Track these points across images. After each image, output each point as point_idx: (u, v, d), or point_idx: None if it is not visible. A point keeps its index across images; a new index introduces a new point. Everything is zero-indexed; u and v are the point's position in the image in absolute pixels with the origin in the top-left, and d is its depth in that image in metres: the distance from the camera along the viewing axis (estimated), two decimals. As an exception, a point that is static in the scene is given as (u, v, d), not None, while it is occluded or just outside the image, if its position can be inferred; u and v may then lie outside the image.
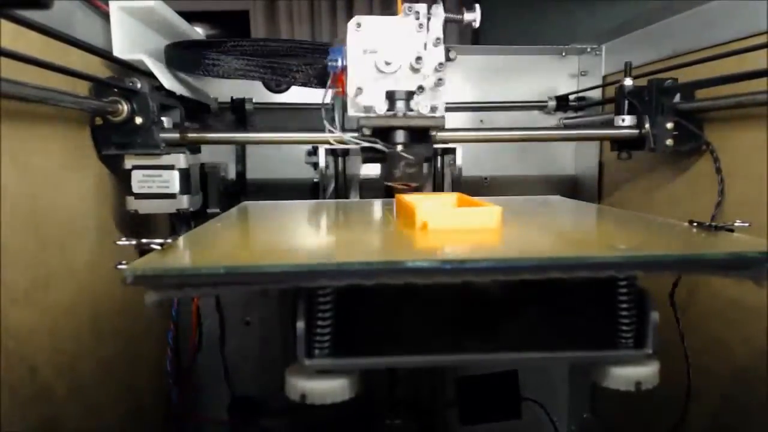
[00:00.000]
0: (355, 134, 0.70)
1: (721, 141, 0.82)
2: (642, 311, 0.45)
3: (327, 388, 0.43)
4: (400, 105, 0.66)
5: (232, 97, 1.11)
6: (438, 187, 0.87)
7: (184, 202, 0.80)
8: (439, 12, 0.67)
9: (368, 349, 0.45)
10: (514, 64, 1.22)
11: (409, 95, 0.66)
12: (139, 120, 0.74)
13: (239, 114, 1.11)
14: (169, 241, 0.44)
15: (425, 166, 0.75)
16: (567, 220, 0.72)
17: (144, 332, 0.89)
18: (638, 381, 0.44)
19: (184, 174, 0.80)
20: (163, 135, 0.76)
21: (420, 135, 0.68)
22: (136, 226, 0.86)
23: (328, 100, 0.75)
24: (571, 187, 1.25)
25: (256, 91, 1.13)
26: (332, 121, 0.71)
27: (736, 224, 0.51)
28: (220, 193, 1.05)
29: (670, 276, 0.77)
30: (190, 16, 0.94)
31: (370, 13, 1.44)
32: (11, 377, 0.55)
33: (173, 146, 0.79)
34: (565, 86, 1.22)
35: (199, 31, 1.00)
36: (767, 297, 0.68)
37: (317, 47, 0.84)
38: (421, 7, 0.67)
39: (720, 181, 0.80)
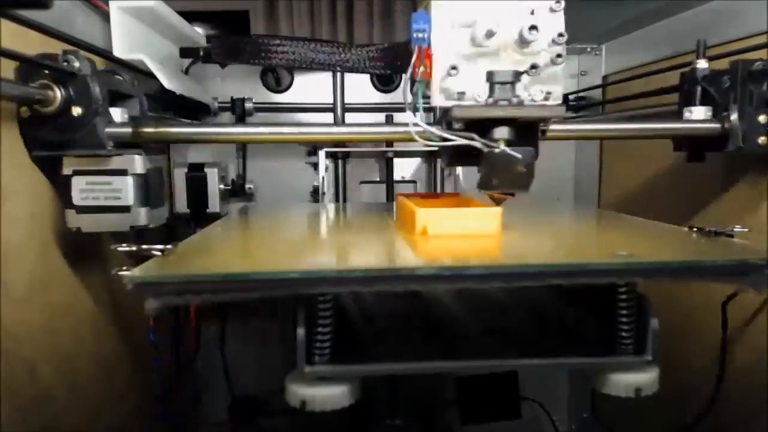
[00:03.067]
0: (440, 128, 0.53)
1: None
2: (642, 318, 0.45)
3: (327, 395, 0.43)
4: (504, 90, 0.50)
5: (232, 97, 1.10)
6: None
7: (140, 216, 0.63)
8: None
9: (368, 355, 0.45)
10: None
11: (517, 77, 0.50)
12: (77, 111, 0.58)
13: (239, 114, 1.11)
14: (169, 246, 0.44)
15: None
16: (567, 224, 0.72)
17: (144, 331, 0.89)
18: (638, 387, 0.45)
19: (140, 181, 0.63)
20: (110, 130, 0.60)
21: (524, 130, 0.53)
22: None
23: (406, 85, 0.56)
24: (570, 190, 1.25)
25: (256, 91, 1.13)
26: (414, 111, 0.54)
27: (735, 229, 0.51)
28: (221, 193, 1.05)
29: (671, 282, 0.77)
30: (190, 16, 0.93)
31: (371, 12, 1.43)
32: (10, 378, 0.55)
33: (126, 146, 0.63)
34: (565, 86, 1.22)
35: (199, 31, 1.00)
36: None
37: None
38: None
39: None
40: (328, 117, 1.13)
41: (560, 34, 0.52)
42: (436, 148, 0.56)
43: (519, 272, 0.40)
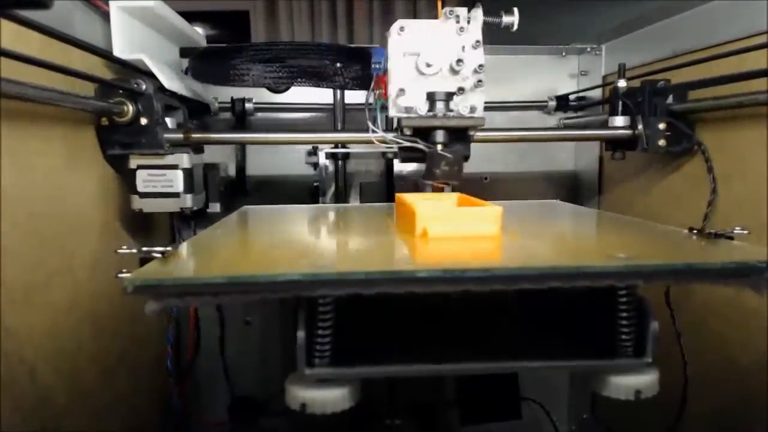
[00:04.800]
0: (395, 134, 0.71)
1: (714, 141, 0.82)
2: (642, 320, 0.45)
3: (327, 398, 0.43)
4: (440, 106, 0.67)
5: (232, 97, 1.10)
6: (438, 187, 0.87)
7: (187, 201, 0.81)
8: (478, 15, 0.68)
9: (368, 357, 0.45)
10: (514, 64, 1.22)
11: (449, 96, 0.68)
12: (144, 121, 0.75)
13: (239, 114, 1.11)
14: (169, 249, 0.44)
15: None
16: (567, 226, 0.72)
17: (144, 332, 0.90)
18: (638, 390, 0.45)
19: (188, 173, 0.81)
20: (167, 135, 0.78)
21: (459, 134, 0.70)
22: (138, 224, 0.87)
23: (370, 101, 0.76)
24: (571, 184, 1.25)
25: (256, 92, 1.13)
26: (374, 122, 0.73)
27: (735, 231, 0.51)
28: (221, 192, 1.05)
29: (671, 285, 0.77)
30: (190, 16, 0.93)
31: (370, 13, 1.43)
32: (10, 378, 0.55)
33: (177, 146, 0.80)
34: (565, 86, 1.22)
35: (199, 31, 1.00)
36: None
37: (348, 50, 0.83)
38: (462, 11, 0.68)
39: (712, 180, 0.81)
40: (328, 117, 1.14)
41: (480, 66, 0.69)
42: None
43: (519, 275, 0.40)
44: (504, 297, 0.53)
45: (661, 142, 0.85)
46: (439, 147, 0.68)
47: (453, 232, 0.54)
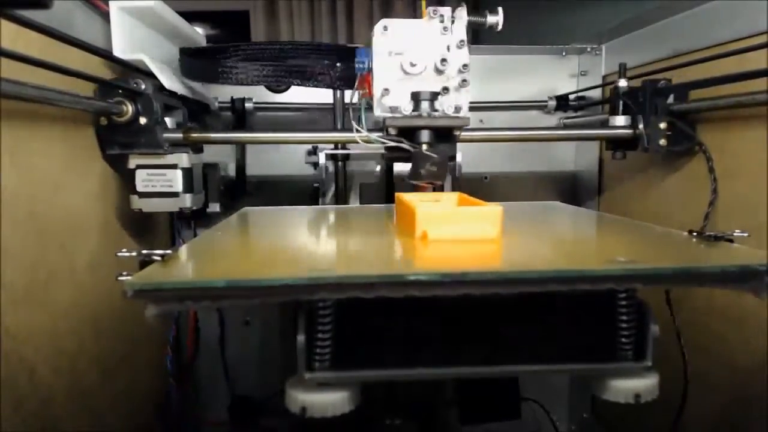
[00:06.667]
0: (381, 134, 0.71)
1: (715, 141, 0.82)
2: (642, 323, 0.45)
3: (327, 401, 0.43)
4: (425, 105, 0.67)
5: (232, 97, 1.10)
6: (438, 186, 0.87)
7: (187, 200, 0.81)
8: (462, 15, 0.68)
9: (368, 361, 0.45)
10: (514, 64, 1.22)
11: (434, 96, 0.68)
12: (143, 120, 0.75)
13: (239, 114, 1.11)
14: (169, 252, 0.44)
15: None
16: (566, 228, 0.72)
17: (144, 332, 0.89)
18: (637, 393, 0.45)
19: (187, 173, 0.81)
20: (166, 135, 0.77)
21: (444, 134, 0.70)
22: (138, 224, 0.86)
23: (354, 100, 0.76)
24: (571, 184, 1.25)
25: (256, 91, 1.12)
26: (359, 121, 0.72)
27: (735, 234, 0.51)
28: (220, 192, 1.05)
29: (671, 288, 0.77)
30: (190, 16, 0.93)
31: (370, 12, 1.43)
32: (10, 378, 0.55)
33: (176, 146, 0.80)
34: (565, 86, 1.22)
35: (199, 31, 0.99)
36: None
37: (334, 49, 0.83)
38: (446, 11, 0.68)
39: (713, 180, 0.81)
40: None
41: (464, 65, 0.68)
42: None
43: (519, 278, 0.40)
44: (504, 300, 0.53)
45: (662, 142, 0.85)
46: (425, 147, 0.67)
47: (453, 234, 0.54)
